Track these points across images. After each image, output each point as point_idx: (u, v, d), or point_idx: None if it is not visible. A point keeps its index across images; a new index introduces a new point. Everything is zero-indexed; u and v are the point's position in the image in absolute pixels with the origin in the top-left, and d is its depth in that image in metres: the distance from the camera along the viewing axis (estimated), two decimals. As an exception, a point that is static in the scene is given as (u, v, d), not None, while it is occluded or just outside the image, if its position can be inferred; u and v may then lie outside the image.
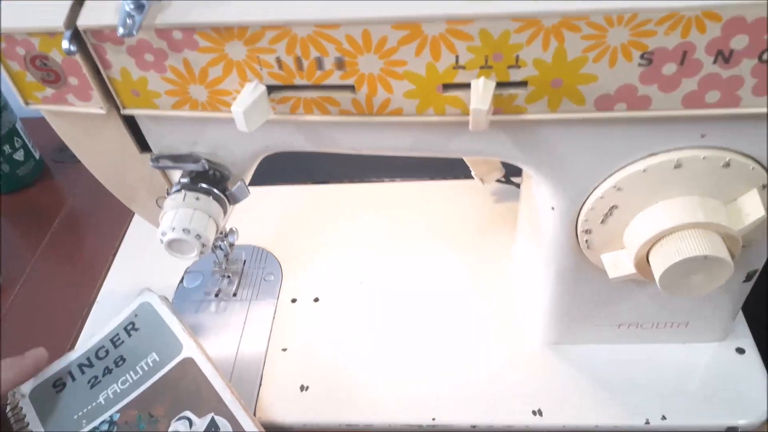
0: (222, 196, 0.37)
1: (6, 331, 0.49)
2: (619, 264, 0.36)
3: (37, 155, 0.64)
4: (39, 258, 0.55)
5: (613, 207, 0.34)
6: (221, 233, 0.46)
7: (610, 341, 0.43)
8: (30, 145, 0.63)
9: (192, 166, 0.36)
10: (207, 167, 0.36)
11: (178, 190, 0.36)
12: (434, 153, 0.34)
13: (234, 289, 0.49)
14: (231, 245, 0.48)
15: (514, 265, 0.49)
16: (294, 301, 0.49)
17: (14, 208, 0.62)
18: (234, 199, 0.38)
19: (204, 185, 0.36)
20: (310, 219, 0.55)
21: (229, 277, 0.49)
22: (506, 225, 0.52)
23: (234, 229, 0.46)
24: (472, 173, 0.51)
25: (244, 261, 0.51)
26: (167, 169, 0.37)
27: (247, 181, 0.39)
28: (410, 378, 0.43)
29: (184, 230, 0.35)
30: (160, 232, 0.36)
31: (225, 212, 0.38)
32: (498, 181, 0.53)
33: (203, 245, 0.35)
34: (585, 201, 0.34)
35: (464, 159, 0.50)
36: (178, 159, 0.36)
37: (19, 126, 0.62)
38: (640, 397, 0.41)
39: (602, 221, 0.34)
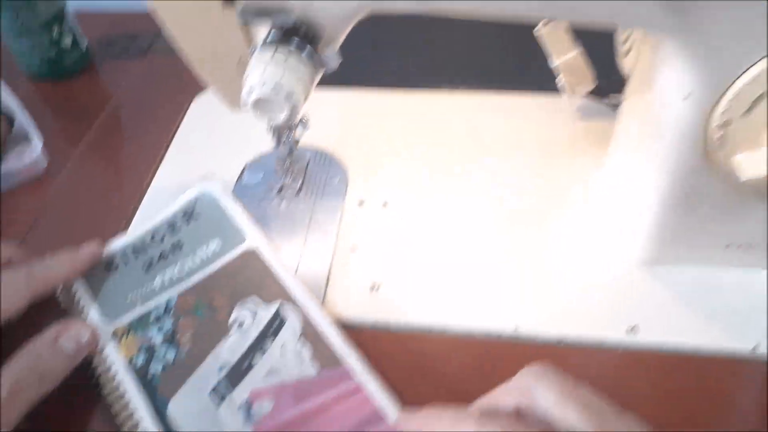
0: (313, 56, 0.33)
1: (50, 221, 0.46)
2: (755, 164, 0.32)
3: (84, 46, 0.60)
4: (84, 150, 0.52)
5: (762, 95, 0.30)
6: (291, 123, 0.42)
7: (712, 263, 0.40)
8: (77, 34, 0.59)
9: (283, 20, 0.32)
10: (298, 23, 0.33)
11: (268, 45, 0.32)
12: (567, 16, 0.30)
13: (298, 186, 0.46)
14: (297, 141, 0.45)
15: (605, 181, 0.45)
16: (361, 204, 0.45)
17: (57, 97, 0.58)
18: (324, 65, 0.34)
19: (295, 42, 0.32)
20: (379, 125, 0.51)
21: (292, 174, 0.46)
22: (593, 142, 0.48)
23: (305, 119, 0.42)
24: (560, 83, 0.47)
25: (308, 161, 0.48)
26: (254, 23, 0.34)
27: (336, 49, 0.35)
28: (491, 285, 0.40)
29: (275, 87, 0.31)
30: (246, 89, 0.32)
31: (314, 79, 0.34)
32: (587, 96, 0.49)
33: (293, 107, 0.32)
34: (729, 87, 0.30)
35: (556, 65, 0.46)
36: (267, 12, 0.33)
37: (68, 13, 0.58)
38: (744, 324, 0.37)
39: (746, 111, 0.31)
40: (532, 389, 0.27)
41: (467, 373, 0.36)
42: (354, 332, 0.37)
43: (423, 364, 0.37)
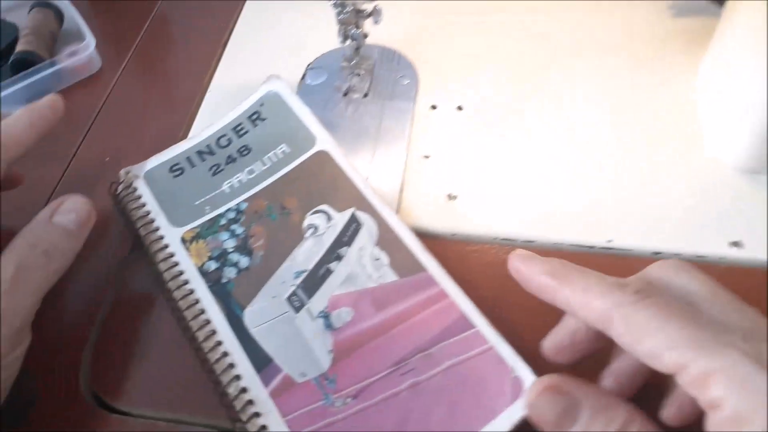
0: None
1: (109, 120, 0.44)
2: None
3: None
4: (139, 49, 0.49)
5: None
6: (361, 11, 0.38)
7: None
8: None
9: None
10: None
11: None
12: None
13: (366, 88, 0.42)
14: (365, 36, 0.41)
15: (705, 83, 0.41)
16: (434, 107, 0.42)
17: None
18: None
19: None
20: (452, 21, 0.47)
21: (359, 75, 0.43)
22: (690, 41, 0.43)
23: (378, 7, 0.38)
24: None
25: (375, 60, 0.44)
26: None
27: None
28: (580, 196, 0.37)
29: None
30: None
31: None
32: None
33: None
34: None
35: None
36: None
37: None
38: None
39: None
40: (669, 279, 0.25)
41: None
42: (431, 242, 0.35)
43: (505, 276, 0.34)
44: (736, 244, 0.34)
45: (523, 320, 0.33)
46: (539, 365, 0.29)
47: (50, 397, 0.32)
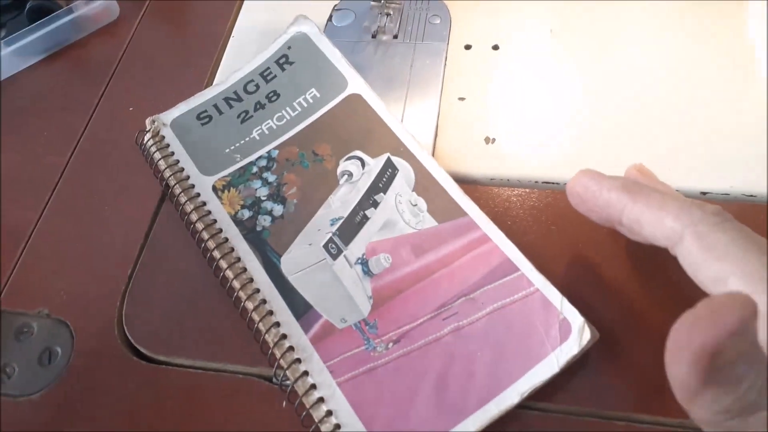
0: None
1: (132, 67, 0.43)
2: None
3: None
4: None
5: None
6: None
7: None
8: None
9: None
10: None
11: None
12: None
13: (395, 29, 0.41)
14: (395, -28, 0.39)
15: (754, 14, 0.39)
16: (468, 47, 0.40)
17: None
18: None
19: None
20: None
21: (389, 15, 0.41)
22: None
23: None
24: None
25: (403, 0, 0.42)
26: None
27: None
28: (625, 137, 0.35)
29: None
30: None
31: None
32: None
33: None
34: None
35: None
36: None
37: None
38: None
39: None
40: (711, 230, 0.24)
41: (600, 229, 0.32)
42: (469, 188, 0.34)
43: (548, 220, 0.33)
44: (792, 183, 0.33)
45: (567, 265, 0.32)
46: (588, 309, 0.28)
47: (86, 348, 0.32)
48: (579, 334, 0.27)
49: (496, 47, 0.40)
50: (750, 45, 0.38)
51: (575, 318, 0.28)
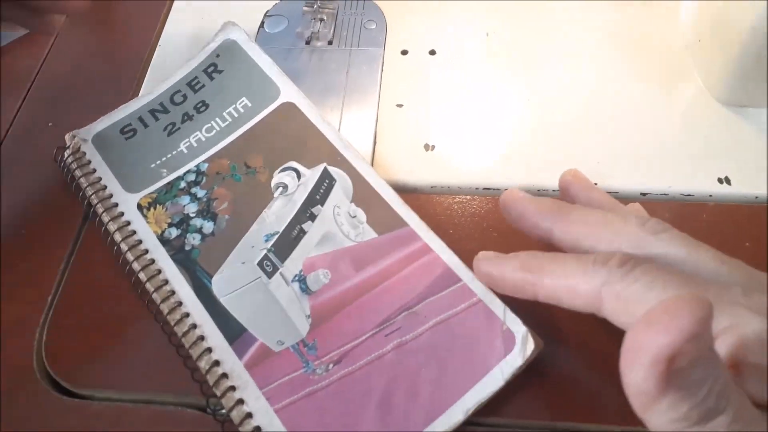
0: None
1: (51, 78, 0.40)
2: None
3: None
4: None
5: None
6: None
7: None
8: None
9: None
10: None
11: None
12: None
13: (330, 34, 0.39)
14: (327, -23, 0.38)
15: (686, 15, 0.39)
16: (405, 53, 0.39)
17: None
18: None
19: None
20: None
21: (322, 20, 0.40)
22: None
23: (339, -56, 0.35)
24: None
25: (338, 4, 0.41)
26: None
27: None
28: (563, 139, 0.35)
29: None
30: None
31: None
32: None
33: None
34: None
35: None
36: None
37: None
38: None
39: None
40: (647, 241, 0.23)
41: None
42: (410, 196, 0.33)
43: (489, 227, 0.33)
44: (724, 180, 0.33)
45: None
46: (530, 317, 0.28)
47: (4, 385, 0.29)
48: (523, 345, 0.26)
49: (432, 52, 0.39)
50: (683, 47, 0.39)
51: (518, 328, 0.27)
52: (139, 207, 0.32)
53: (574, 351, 0.28)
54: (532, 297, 0.25)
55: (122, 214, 0.32)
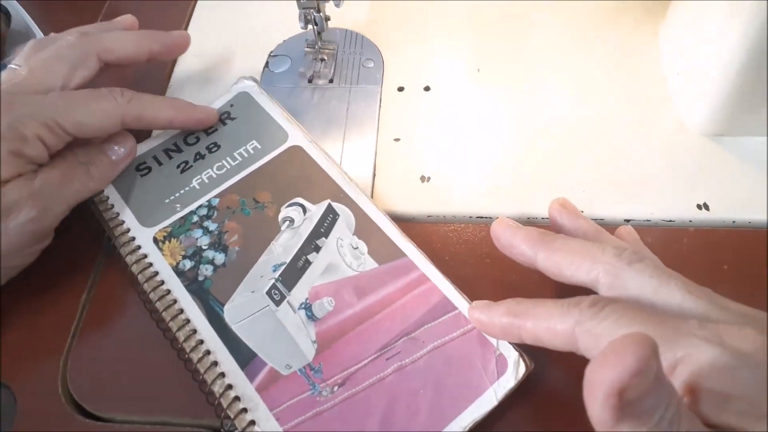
0: None
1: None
2: None
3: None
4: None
5: None
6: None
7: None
8: None
9: None
10: None
11: None
12: None
13: (331, 73, 0.42)
14: (327, 19, 0.40)
15: (665, 52, 0.42)
16: (401, 89, 0.42)
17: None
18: None
19: None
20: (413, 3, 0.46)
21: (323, 60, 0.42)
22: (648, 10, 0.44)
23: (339, -11, 0.38)
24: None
25: (337, 45, 0.43)
26: None
27: None
28: (550, 169, 0.37)
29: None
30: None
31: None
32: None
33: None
34: None
35: None
36: None
37: None
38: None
39: None
40: (623, 270, 0.26)
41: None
42: (408, 225, 0.35)
43: (482, 253, 0.35)
44: (703, 206, 0.35)
45: (502, 296, 0.33)
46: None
47: (29, 407, 0.31)
48: (515, 368, 0.28)
49: (427, 88, 0.42)
50: (662, 78, 0.41)
51: (510, 352, 0.29)
52: (155, 240, 0.35)
53: (562, 372, 0.30)
54: (518, 339, 0.28)
55: (139, 247, 0.34)
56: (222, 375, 0.30)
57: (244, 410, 0.29)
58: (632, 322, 0.23)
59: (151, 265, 0.34)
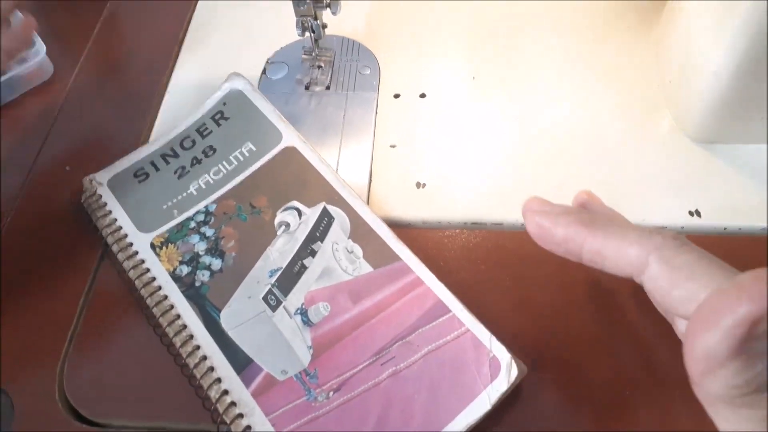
0: None
1: (66, 127, 0.43)
2: None
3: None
4: (91, 53, 0.48)
5: None
6: (319, 2, 0.38)
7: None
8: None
9: None
10: None
11: None
12: None
13: (327, 80, 0.42)
14: (324, 27, 0.41)
15: (657, 56, 0.42)
16: (397, 96, 0.42)
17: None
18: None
19: None
20: (408, 8, 0.47)
21: (320, 67, 0.42)
22: (642, 18, 0.45)
23: (335, -1, 0.38)
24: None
25: (334, 52, 0.44)
26: None
27: None
28: (545, 175, 0.38)
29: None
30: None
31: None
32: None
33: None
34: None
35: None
36: None
37: None
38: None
39: None
40: (658, 249, 0.24)
41: (527, 264, 0.34)
42: (403, 231, 0.35)
43: (477, 259, 0.35)
44: (695, 213, 0.36)
45: (497, 301, 0.33)
46: (514, 345, 0.30)
47: (27, 411, 0.32)
48: (507, 371, 0.29)
49: (423, 95, 0.42)
50: (656, 86, 0.41)
51: (503, 355, 0.29)
52: (152, 246, 0.35)
53: (555, 376, 0.31)
54: (576, 254, 0.26)
55: (136, 252, 0.35)
56: (218, 380, 0.30)
57: (240, 415, 0.29)
58: (711, 263, 0.22)
59: (148, 270, 0.34)
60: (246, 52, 0.45)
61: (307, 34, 0.41)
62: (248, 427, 0.29)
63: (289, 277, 0.33)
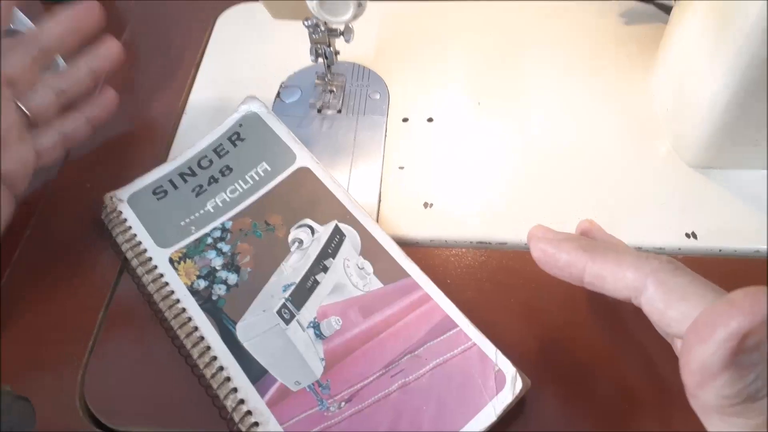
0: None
1: (82, 148, 0.44)
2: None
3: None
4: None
5: None
6: (333, 30, 0.40)
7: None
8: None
9: None
10: None
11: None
12: None
13: (339, 104, 0.44)
14: (337, 53, 0.43)
15: (658, 85, 0.44)
16: (405, 120, 0.44)
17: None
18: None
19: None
20: (415, 36, 0.49)
21: (332, 91, 0.44)
22: (642, 46, 0.47)
23: (350, 26, 0.40)
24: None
25: (345, 77, 0.46)
26: None
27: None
28: (547, 197, 0.39)
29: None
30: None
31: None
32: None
33: (359, 5, 0.30)
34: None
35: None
36: None
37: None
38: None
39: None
40: (654, 273, 0.26)
41: (531, 282, 0.36)
42: (411, 249, 0.37)
43: (482, 278, 0.37)
44: (691, 235, 0.37)
45: (502, 316, 0.35)
46: (519, 360, 0.31)
47: (48, 419, 0.33)
48: (512, 384, 0.30)
49: (430, 119, 0.44)
50: (654, 112, 0.43)
51: (508, 369, 0.30)
52: (171, 261, 0.36)
53: (558, 390, 0.32)
54: (578, 278, 0.28)
55: (155, 267, 0.36)
56: (234, 390, 0.31)
57: (256, 424, 0.30)
58: (703, 285, 0.24)
59: (167, 284, 0.35)
60: (261, 76, 0.47)
61: (320, 60, 0.43)
62: (263, 436, 0.30)
63: (302, 292, 0.34)
